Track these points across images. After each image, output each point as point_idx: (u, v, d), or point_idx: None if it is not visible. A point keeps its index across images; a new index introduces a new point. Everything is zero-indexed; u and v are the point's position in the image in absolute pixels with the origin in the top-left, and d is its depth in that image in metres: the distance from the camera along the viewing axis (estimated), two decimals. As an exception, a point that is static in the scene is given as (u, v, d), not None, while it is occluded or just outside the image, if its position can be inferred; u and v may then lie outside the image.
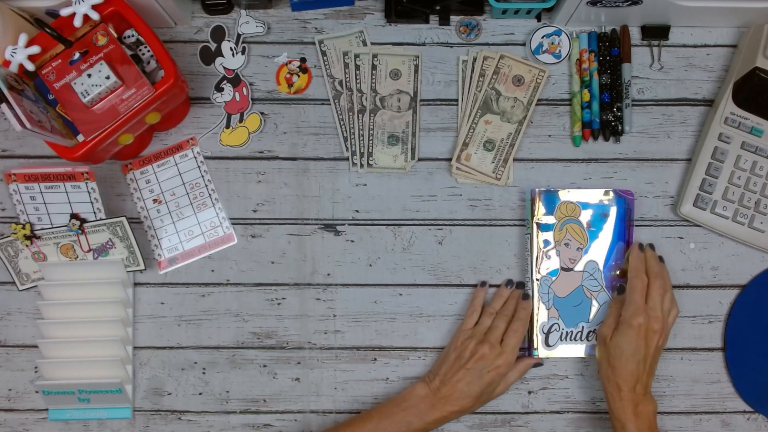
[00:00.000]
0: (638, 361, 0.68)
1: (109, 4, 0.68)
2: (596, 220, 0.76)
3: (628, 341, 0.68)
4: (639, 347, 0.68)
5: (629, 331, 0.68)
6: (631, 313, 0.69)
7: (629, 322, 0.69)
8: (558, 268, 0.76)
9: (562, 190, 0.76)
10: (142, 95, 0.67)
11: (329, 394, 0.76)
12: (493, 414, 0.76)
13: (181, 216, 0.78)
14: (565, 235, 0.76)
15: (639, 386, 0.69)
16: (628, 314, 0.69)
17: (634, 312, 0.69)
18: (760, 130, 0.76)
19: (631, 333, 0.68)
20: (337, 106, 0.79)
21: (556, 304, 0.75)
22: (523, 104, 0.79)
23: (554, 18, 0.80)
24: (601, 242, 0.76)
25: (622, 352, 0.68)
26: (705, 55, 0.81)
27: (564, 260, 0.76)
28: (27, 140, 0.79)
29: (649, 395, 0.69)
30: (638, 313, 0.69)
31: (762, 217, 0.76)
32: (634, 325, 0.68)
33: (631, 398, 0.68)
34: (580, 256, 0.76)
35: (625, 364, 0.68)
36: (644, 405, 0.68)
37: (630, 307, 0.70)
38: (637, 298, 0.70)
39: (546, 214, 0.76)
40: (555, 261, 0.76)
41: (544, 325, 0.75)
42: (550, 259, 0.76)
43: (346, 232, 0.78)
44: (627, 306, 0.70)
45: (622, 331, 0.69)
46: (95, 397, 0.74)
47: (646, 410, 0.68)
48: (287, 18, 0.81)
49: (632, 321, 0.69)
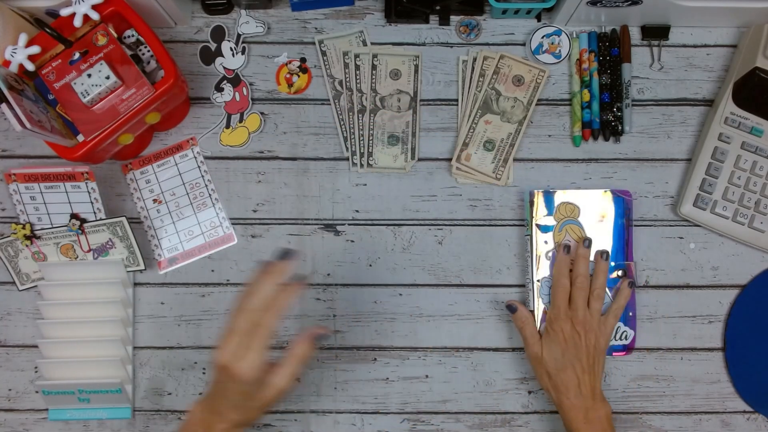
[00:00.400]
0: (572, 364, 0.68)
1: (109, 4, 0.68)
2: (595, 220, 0.76)
3: (555, 348, 0.69)
4: (567, 350, 0.68)
5: (554, 336, 0.70)
6: (552, 318, 0.71)
7: (551, 327, 0.70)
8: None
9: (560, 191, 0.76)
10: (142, 95, 0.67)
11: (329, 394, 0.76)
12: (493, 414, 0.76)
13: (181, 216, 0.78)
14: (564, 236, 0.76)
15: (585, 389, 0.67)
16: (549, 320, 0.71)
17: (554, 317, 0.70)
18: (760, 130, 0.76)
19: (556, 338, 0.69)
20: (337, 106, 0.79)
21: None
22: (523, 104, 0.79)
23: (554, 18, 0.80)
24: (600, 243, 0.76)
25: (555, 360, 0.69)
26: (705, 55, 0.81)
27: None
28: (27, 140, 0.79)
29: (599, 399, 0.68)
30: (558, 317, 0.70)
31: (762, 217, 0.76)
32: (556, 329, 0.70)
33: (579, 405, 0.67)
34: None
35: (561, 371, 0.68)
36: (595, 410, 0.67)
37: (551, 311, 0.71)
38: (559, 303, 0.71)
39: (545, 216, 0.76)
40: None
41: (543, 329, 0.75)
42: (550, 260, 0.76)
43: (346, 232, 0.78)
44: (550, 312, 0.71)
45: (547, 340, 0.70)
46: (95, 397, 0.74)
47: (597, 415, 0.67)
48: (287, 18, 0.81)
49: (554, 326, 0.70)
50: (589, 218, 0.76)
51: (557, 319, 0.70)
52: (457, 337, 0.77)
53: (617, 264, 0.76)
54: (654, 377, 0.77)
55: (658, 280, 0.78)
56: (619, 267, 0.76)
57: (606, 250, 0.75)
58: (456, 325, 0.77)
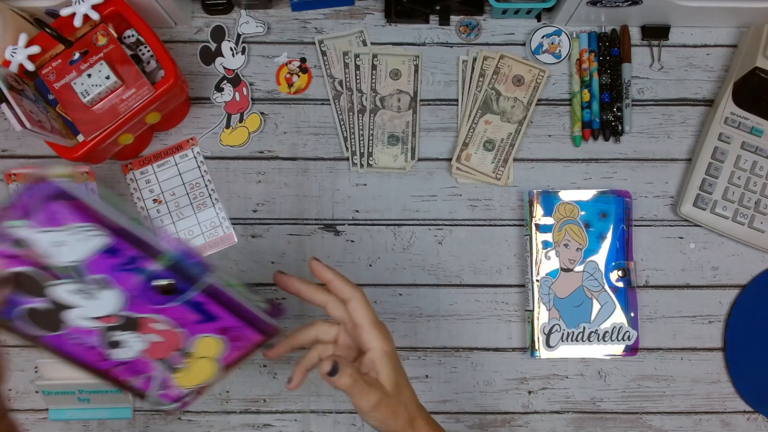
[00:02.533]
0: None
1: (109, 4, 0.68)
2: (595, 220, 0.76)
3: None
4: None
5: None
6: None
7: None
8: (558, 268, 0.76)
9: (560, 191, 0.76)
10: (142, 95, 0.67)
11: (329, 394, 0.76)
12: (493, 414, 0.76)
13: (181, 216, 0.78)
14: (564, 236, 0.76)
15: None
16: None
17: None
18: (760, 130, 0.76)
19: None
20: (337, 106, 0.79)
21: (556, 305, 0.75)
22: (523, 104, 0.79)
23: (554, 18, 0.80)
24: (600, 242, 0.76)
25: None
26: (705, 55, 0.81)
27: (564, 261, 0.76)
28: (27, 140, 0.79)
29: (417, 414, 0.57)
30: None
31: (762, 217, 0.76)
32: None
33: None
34: (579, 257, 0.76)
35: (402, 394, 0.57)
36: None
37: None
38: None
39: (545, 216, 0.76)
40: (555, 262, 0.76)
41: (545, 326, 0.75)
42: (549, 260, 0.76)
43: (346, 232, 0.78)
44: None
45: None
46: (95, 397, 0.74)
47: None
48: (287, 18, 0.81)
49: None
50: (588, 218, 0.76)
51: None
52: (457, 337, 0.77)
53: (617, 264, 0.76)
54: (654, 377, 0.77)
55: (658, 280, 0.78)
56: (620, 267, 0.76)
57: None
58: (456, 325, 0.77)
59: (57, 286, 0.46)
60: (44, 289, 0.46)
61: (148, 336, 0.51)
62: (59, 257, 0.44)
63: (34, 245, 0.43)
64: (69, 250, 0.44)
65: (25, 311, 0.47)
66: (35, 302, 0.46)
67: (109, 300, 0.47)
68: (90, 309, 0.48)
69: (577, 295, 0.76)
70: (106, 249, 0.45)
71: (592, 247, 0.76)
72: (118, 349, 0.51)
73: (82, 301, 0.47)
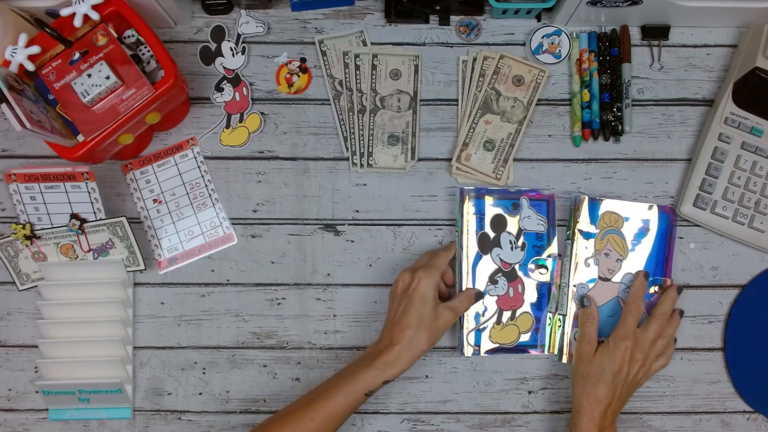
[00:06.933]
0: (616, 384, 0.68)
1: (109, 4, 0.68)
2: (638, 233, 0.76)
3: (611, 361, 0.69)
4: (621, 369, 0.69)
5: (615, 351, 0.69)
6: (621, 335, 0.70)
7: (617, 343, 0.69)
8: (596, 277, 0.75)
9: (606, 199, 0.76)
10: (142, 95, 0.67)
11: (329, 394, 0.76)
12: (493, 414, 0.76)
13: (181, 216, 0.78)
14: (605, 245, 0.75)
15: (609, 412, 0.68)
16: (617, 335, 0.70)
17: (623, 335, 0.70)
18: (760, 130, 0.76)
19: (616, 353, 0.69)
20: (337, 106, 0.79)
21: None
22: (523, 104, 0.79)
23: (554, 18, 0.80)
24: (640, 256, 0.75)
25: (603, 371, 0.69)
26: (705, 55, 0.81)
27: (603, 270, 0.75)
28: (27, 140, 0.79)
29: (614, 426, 0.69)
30: (627, 336, 0.69)
31: (762, 217, 0.76)
32: (621, 347, 0.69)
33: (599, 423, 0.68)
34: (618, 267, 0.75)
35: (602, 383, 0.68)
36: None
37: (620, 329, 0.70)
38: (630, 322, 0.70)
39: (589, 223, 0.75)
40: (593, 270, 0.75)
41: (577, 332, 0.74)
42: (588, 267, 0.75)
43: (346, 232, 0.78)
44: (618, 327, 0.71)
45: (607, 351, 0.70)
46: (95, 397, 0.74)
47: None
48: (287, 18, 0.81)
49: (620, 342, 0.69)
50: (632, 230, 0.76)
51: (625, 337, 0.69)
52: (457, 337, 0.77)
53: (655, 279, 0.75)
54: (654, 377, 0.77)
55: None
56: (657, 282, 0.75)
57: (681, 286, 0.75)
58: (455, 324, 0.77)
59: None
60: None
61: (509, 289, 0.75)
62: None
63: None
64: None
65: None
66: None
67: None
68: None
69: (612, 306, 0.75)
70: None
71: (632, 260, 0.76)
72: (494, 285, 0.75)
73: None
